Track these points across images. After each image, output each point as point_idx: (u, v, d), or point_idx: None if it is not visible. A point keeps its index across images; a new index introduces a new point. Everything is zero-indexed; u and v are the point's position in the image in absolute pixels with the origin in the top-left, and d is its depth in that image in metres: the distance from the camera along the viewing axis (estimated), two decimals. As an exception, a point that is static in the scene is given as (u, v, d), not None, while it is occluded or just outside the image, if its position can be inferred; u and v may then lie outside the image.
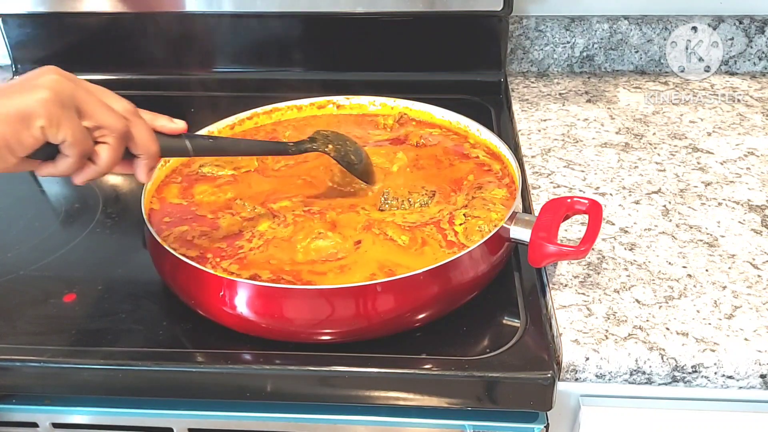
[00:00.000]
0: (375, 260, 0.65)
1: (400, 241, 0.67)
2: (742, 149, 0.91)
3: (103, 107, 0.53)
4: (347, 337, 0.61)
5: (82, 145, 0.52)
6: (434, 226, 0.69)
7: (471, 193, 0.74)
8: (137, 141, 0.55)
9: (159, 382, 0.62)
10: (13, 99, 0.49)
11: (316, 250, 0.66)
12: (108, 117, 0.53)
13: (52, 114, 0.49)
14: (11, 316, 0.67)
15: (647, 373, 0.60)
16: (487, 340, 0.62)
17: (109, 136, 0.53)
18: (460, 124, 0.86)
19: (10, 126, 0.48)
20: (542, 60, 1.16)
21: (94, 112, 0.52)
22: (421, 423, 0.63)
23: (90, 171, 0.54)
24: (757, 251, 0.72)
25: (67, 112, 0.50)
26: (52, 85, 0.50)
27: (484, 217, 0.69)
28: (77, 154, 0.52)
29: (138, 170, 0.57)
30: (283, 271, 0.64)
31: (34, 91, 0.49)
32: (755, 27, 1.11)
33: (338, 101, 0.92)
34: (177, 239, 0.68)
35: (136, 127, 0.55)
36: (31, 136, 0.49)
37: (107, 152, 0.53)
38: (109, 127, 0.53)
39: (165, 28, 1.12)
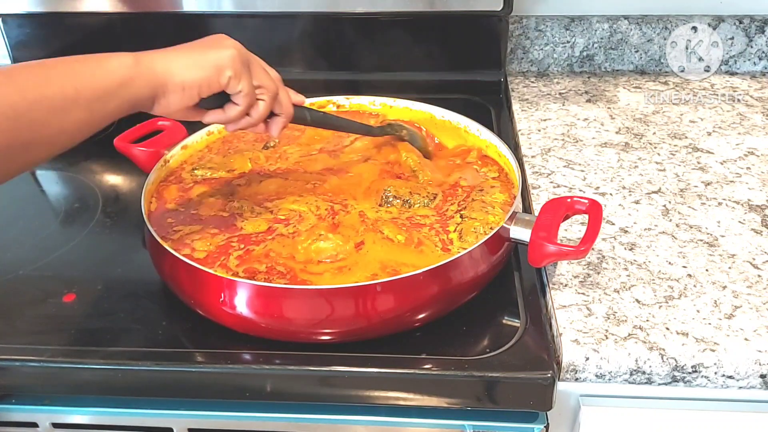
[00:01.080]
0: (377, 260, 0.65)
1: (396, 240, 0.67)
2: (742, 149, 0.91)
3: (263, 71, 0.64)
4: (347, 337, 0.61)
5: (251, 97, 0.63)
6: (430, 228, 0.69)
7: (472, 195, 0.74)
8: (282, 102, 0.67)
9: (159, 382, 0.62)
10: (210, 52, 0.60)
11: (317, 251, 0.66)
12: (267, 79, 0.64)
13: (237, 68, 0.61)
14: (11, 316, 0.67)
15: (647, 373, 0.60)
16: (487, 340, 0.62)
17: (266, 94, 0.64)
18: (460, 124, 0.86)
19: (206, 71, 0.59)
20: (542, 60, 1.16)
21: (260, 73, 0.64)
22: (421, 423, 0.63)
23: (244, 122, 0.65)
24: (757, 251, 0.72)
25: (246, 69, 0.62)
26: (237, 47, 0.62)
27: (481, 219, 0.69)
28: (247, 103, 0.63)
29: (275, 127, 0.68)
30: (278, 265, 0.64)
31: (226, 49, 0.61)
32: (755, 27, 1.11)
33: (338, 101, 0.92)
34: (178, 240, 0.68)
35: (281, 91, 0.67)
36: (218, 82, 0.60)
37: (263, 107, 0.65)
38: (267, 87, 0.64)
39: (165, 28, 1.12)
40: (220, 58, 0.60)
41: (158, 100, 0.60)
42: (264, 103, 0.65)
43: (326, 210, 0.72)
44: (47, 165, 0.95)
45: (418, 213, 0.72)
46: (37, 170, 0.94)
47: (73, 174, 0.91)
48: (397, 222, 0.70)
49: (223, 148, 0.85)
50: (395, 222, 0.70)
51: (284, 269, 0.64)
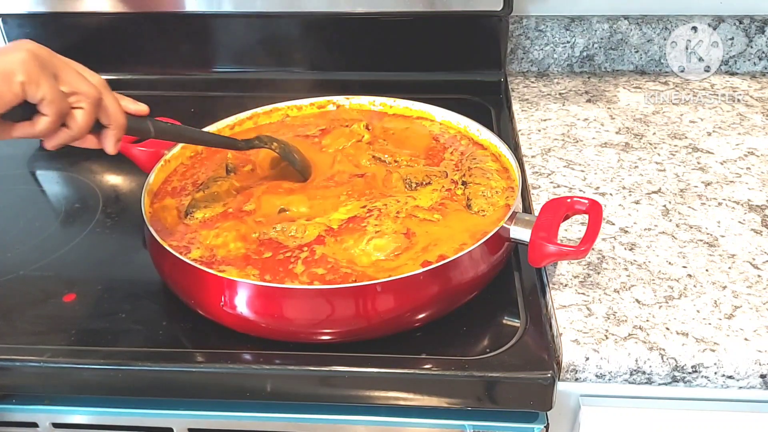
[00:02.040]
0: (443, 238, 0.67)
1: (434, 218, 0.70)
2: (742, 149, 0.91)
3: (78, 75, 0.57)
4: (347, 337, 0.61)
5: (59, 104, 0.55)
6: (451, 200, 0.73)
7: (467, 164, 0.78)
8: (108, 111, 0.59)
9: (159, 382, 0.62)
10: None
11: (377, 248, 0.66)
12: (83, 84, 0.56)
13: (32, 72, 0.53)
14: (11, 316, 0.67)
15: (647, 373, 0.60)
16: (487, 340, 0.62)
17: (84, 101, 0.56)
18: (460, 124, 0.86)
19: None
20: (542, 60, 1.16)
21: (70, 78, 0.56)
22: (421, 423, 0.63)
23: (63, 135, 0.57)
24: (757, 251, 0.72)
25: (45, 72, 0.54)
26: (30, 48, 0.54)
27: (485, 185, 0.73)
28: (55, 113, 0.55)
29: (106, 141, 0.60)
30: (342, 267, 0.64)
31: (14, 53, 0.53)
32: (755, 27, 1.11)
33: (338, 101, 0.92)
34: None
35: (107, 98, 0.59)
36: (11, 91, 0.53)
37: (82, 116, 0.57)
38: (84, 93, 0.56)
39: (165, 28, 1.12)
40: (7, 63, 0.53)
41: None
42: (83, 111, 0.57)
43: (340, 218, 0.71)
44: (47, 165, 0.95)
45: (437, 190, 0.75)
46: (37, 170, 0.94)
47: (74, 174, 0.91)
48: (420, 207, 0.72)
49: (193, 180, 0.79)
50: (419, 207, 0.72)
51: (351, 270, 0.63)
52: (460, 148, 0.83)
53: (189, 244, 0.68)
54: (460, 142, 0.84)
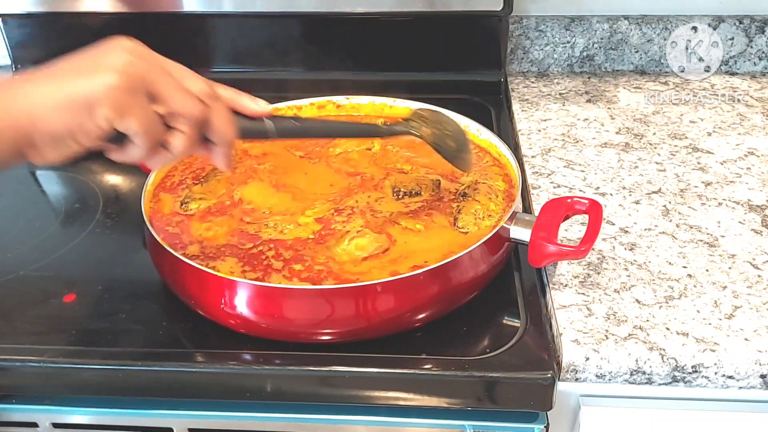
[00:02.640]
0: (415, 250, 0.66)
1: (416, 228, 0.68)
2: (742, 149, 0.91)
3: (179, 91, 0.48)
4: (347, 337, 0.61)
5: (151, 135, 0.47)
6: (439, 212, 0.71)
7: (476, 177, 0.76)
8: (214, 128, 0.50)
9: (159, 382, 0.62)
10: (76, 82, 0.44)
11: (358, 248, 0.66)
12: (184, 102, 0.48)
13: (119, 102, 0.44)
14: (11, 316, 0.67)
15: (647, 373, 0.60)
16: (487, 340, 0.62)
17: (183, 122, 0.48)
18: (460, 124, 0.86)
19: (71, 114, 0.44)
20: (542, 60, 1.16)
21: (169, 96, 0.47)
22: (421, 423, 0.63)
23: (163, 158, 0.50)
24: (757, 251, 0.72)
25: (136, 99, 0.46)
26: (121, 67, 0.45)
27: (483, 204, 0.71)
28: (146, 144, 0.47)
29: (215, 157, 0.53)
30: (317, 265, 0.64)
31: (100, 74, 0.44)
32: (755, 27, 1.11)
33: (338, 101, 0.92)
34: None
35: (213, 113, 0.50)
36: (95, 125, 0.45)
37: (181, 140, 0.49)
38: (184, 114, 0.48)
39: (165, 28, 1.12)
40: (89, 91, 0.44)
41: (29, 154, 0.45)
42: (182, 136, 0.49)
43: (331, 213, 0.71)
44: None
45: (427, 199, 0.73)
46: (37, 170, 0.94)
47: (74, 174, 0.91)
48: (408, 213, 0.71)
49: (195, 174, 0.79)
50: (409, 216, 0.71)
51: (324, 268, 0.64)
52: (479, 162, 0.80)
53: (182, 236, 0.69)
54: (483, 158, 0.81)
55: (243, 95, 0.54)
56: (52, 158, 0.46)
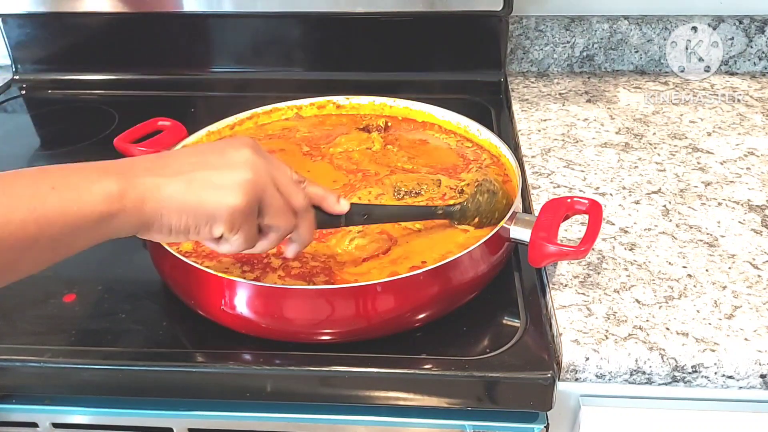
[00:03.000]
0: (418, 251, 0.66)
1: (415, 228, 0.69)
2: (742, 149, 0.91)
3: (282, 212, 0.53)
4: (347, 337, 0.61)
5: (248, 244, 0.53)
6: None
7: (475, 176, 0.76)
8: (300, 234, 0.56)
9: (159, 382, 0.62)
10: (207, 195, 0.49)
11: (359, 249, 0.66)
12: (283, 221, 0.53)
13: (236, 222, 0.50)
14: (11, 316, 0.67)
15: (647, 373, 0.60)
16: (487, 340, 0.62)
17: (274, 233, 0.54)
18: (460, 124, 0.86)
19: (195, 220, 0.50)
20: (542, 60, 1.16)
21: (274, 215, 0.53)
22: (421, 423, 0.63)
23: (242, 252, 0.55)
24: (757, 251, 0.72)
25: (249, 219, 0.51)
26: (246, 190, 0.50)
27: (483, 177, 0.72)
28: (240, 249, 0.53)
29: (287, 249, 0.58)
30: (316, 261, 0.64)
31: (228, 195, 0.49)
32: (755, 27, 1.11)
33: (338, 101, 0.92)
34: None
35: (302, 223, 0.55)
36: (209, 233, 0.51)
37: (267, 244, 0.55)
38: (279, 228, 0.54)
39: (165, 28, 1.12)
40: (217, 208, 0.49)
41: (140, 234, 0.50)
42: (268, 242, 0.55)
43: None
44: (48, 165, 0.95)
45: (423, 200, 0.74)
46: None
47: (73, 174, 0.91)
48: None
49: None
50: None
51: (320, 265, 0.64)
52: (483, 162, 0.81)
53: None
54: (482, 156, 0.82)
55: (330, 195, 0.59)
56: (157, 239, 0.52)
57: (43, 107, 1.13)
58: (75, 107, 1.11)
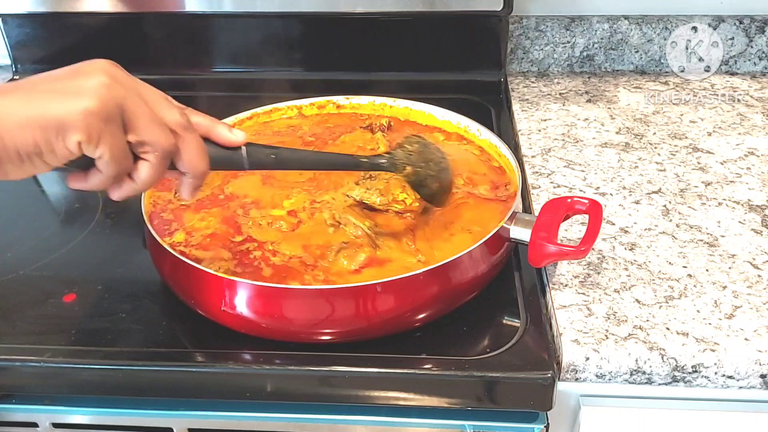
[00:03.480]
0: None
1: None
2: (742, 149, 0.91)
3: (152, 122, 0.47)
4: (347, 337, 0.61)
5: (119, 163, 0.46)
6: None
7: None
8: (184, 158, 0.49)
9: (159, 382, 0.62)
10: (52, 102, 0.43)
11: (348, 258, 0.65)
12: (155, 133, 0.47)
13: (93, 128, 0.44)
14: (11, 316, 0.67)
15: (647, 373, 0.60)
16: (487, 340, 0.62)
17: (151, 153, 0.47)
18: (460, 124, 0.86)
19: (42, 133, 0.43)
20: (542, 60, 1.16)
21: (142, 126, 0.46)
22: (421, 423, 0.63)
23: (127, 188, 0.49)
24: (757, 251, 0.72)
25: (110, 126, 0.45)
26: (100, 93, 0.44)
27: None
28: (112, 172, 0.47)
29: (182, 187, 0.52)
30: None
31: (78, 98, 0.43)
32: (755, 27, 1.11)
33: (338, 101, 0.92)
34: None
35: (185, 143, 0.49)
36: (65, 147, 0.44)
37: (147, 170, 0.48)
38: (153, 144, 0.47)
39: (165, 28, 1.12)
40: (64, 113, 0.43)
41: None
42: (149, 164, 0.48)
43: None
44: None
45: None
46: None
47: (74, 174, 0.91)
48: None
49: None
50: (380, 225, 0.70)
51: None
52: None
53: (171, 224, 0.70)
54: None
55: (219, 124, 0.53)
56: (13, 175, 0.46)
57: (43, 107, 1.12)
58: (75, 107, 1.11)
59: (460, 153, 0.81)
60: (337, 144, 0.83)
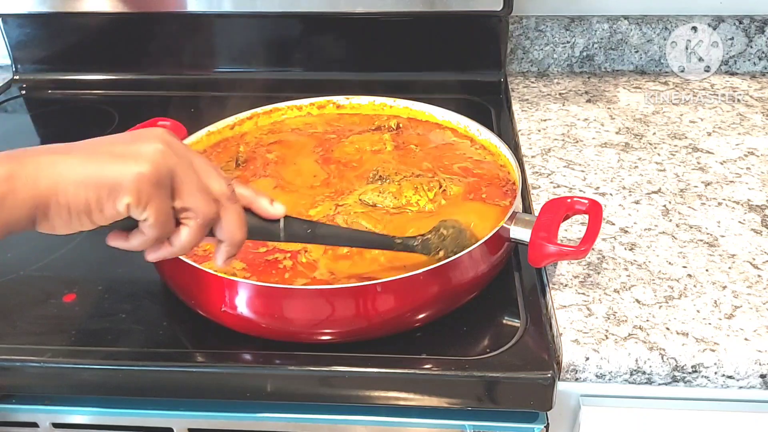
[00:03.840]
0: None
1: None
2: (742, 149, 0.91)
3: (198, 190, 0.48)
4: (347, 337, 0.61)
5: (163, 228, 0.48)
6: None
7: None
8: (224, 227, 0.50)
9: (159, 382, 0.62)
10: (109, 165, 0.45)
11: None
12: (200, 202, 0.48)
13: (143, 193, 0.45)
14: (11, 316, 0.67)
15: (647, 373, 0.60)
16: (487, 340, 0.62)
17: (193, 219, 0.49)
18: (460, 124, 0.86)
19: (96, 192, 0.45)
20: (542, 60, 1.16)
21: (189, 194, 0.48)
22: (421, 423, 0.63)
23: (164, 251, 0.50)
24: (757, 251, 0.72)
25: (159, 192, 0.46)
26: (155, 158, 0.46)
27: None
28: (154, 235, 0.48)
29: (217, 254, 0.52)
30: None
31: (134, 162, 0.45)
32: (755, 27, 1.11)
33: (338, 101, 0.92)
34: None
35: (226, 213, 0.50)
36: (114, 208, 0.46)
37: (186, 235, 0.49)
38: (196, 212, 0.48)
39: (165, 28, 1.12)
40: (119, 176, 0.45)
41: (39, 222, 0.45)
42: (189, 229, 0.49)
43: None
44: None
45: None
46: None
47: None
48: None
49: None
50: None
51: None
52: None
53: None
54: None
55: (262, 197, 0.54)
56: (59, 230, 0.47)
57: (43, 107, 1.13)
58: (75, 107, 1.11)
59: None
60: (344, 143, 0.83)
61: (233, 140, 0.86)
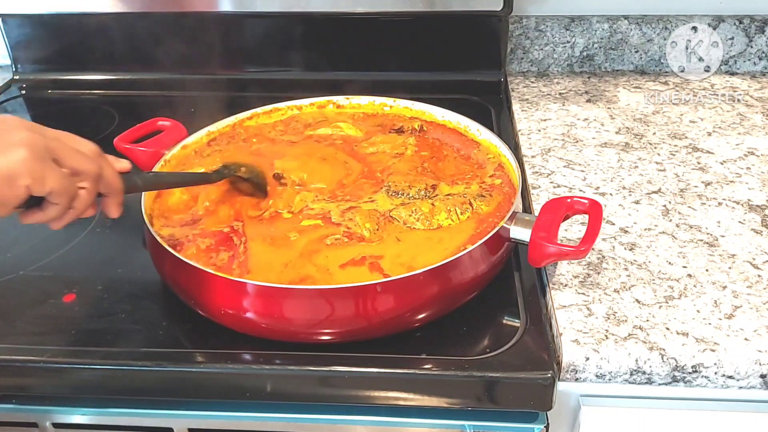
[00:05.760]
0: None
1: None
2: (742, 149, 0.91)
3: (76, 154, 0.55)
4: (347, 337, 0.61)
5: (68, 191, 0.54)
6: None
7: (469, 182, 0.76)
8: (106, 180, 0.57)
9: (159, 382, 0.62)
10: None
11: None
12: (83, 162, 0.55)
13: (35, 170, 0.51)
14: (11, 316, 0.67)
15: (647, 373, 0.60)
16: (487, 340, 0.62)
17: (86, 180, 0.55)
18: (460, 124, 0.86)
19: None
20: (542, 60, 1.16)
21: (70, 159, 0.54)
22: (421, 423, 0.63)
23: (69, 216, 0.56)
24: (757, 251, 0.72)
25: (47, 164, 0.52)
26: (28, 141, 0.51)
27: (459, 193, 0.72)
28: (65, 200, 0.54)
29: (109, 209, 0.60)
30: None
31: (12, 151, 0.50)
32: (755, 27, 1.11)
33: (338, 101, 0.92)
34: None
35: (105, 168, 0.57)
36: (15, 194, 0.51)
37: (86, 196, 0.56)
38: (86, 171, 0.55)
39: (165, 28, 1.12)
40: (9, 166, 0.50)
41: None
42: (86, 191, 0.56)
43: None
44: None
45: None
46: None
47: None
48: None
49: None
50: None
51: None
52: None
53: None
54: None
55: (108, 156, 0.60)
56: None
57: (43, 107, 1.13)
58: (75, 107, 1.11)
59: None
60: (370, 144, 0.83)
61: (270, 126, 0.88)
